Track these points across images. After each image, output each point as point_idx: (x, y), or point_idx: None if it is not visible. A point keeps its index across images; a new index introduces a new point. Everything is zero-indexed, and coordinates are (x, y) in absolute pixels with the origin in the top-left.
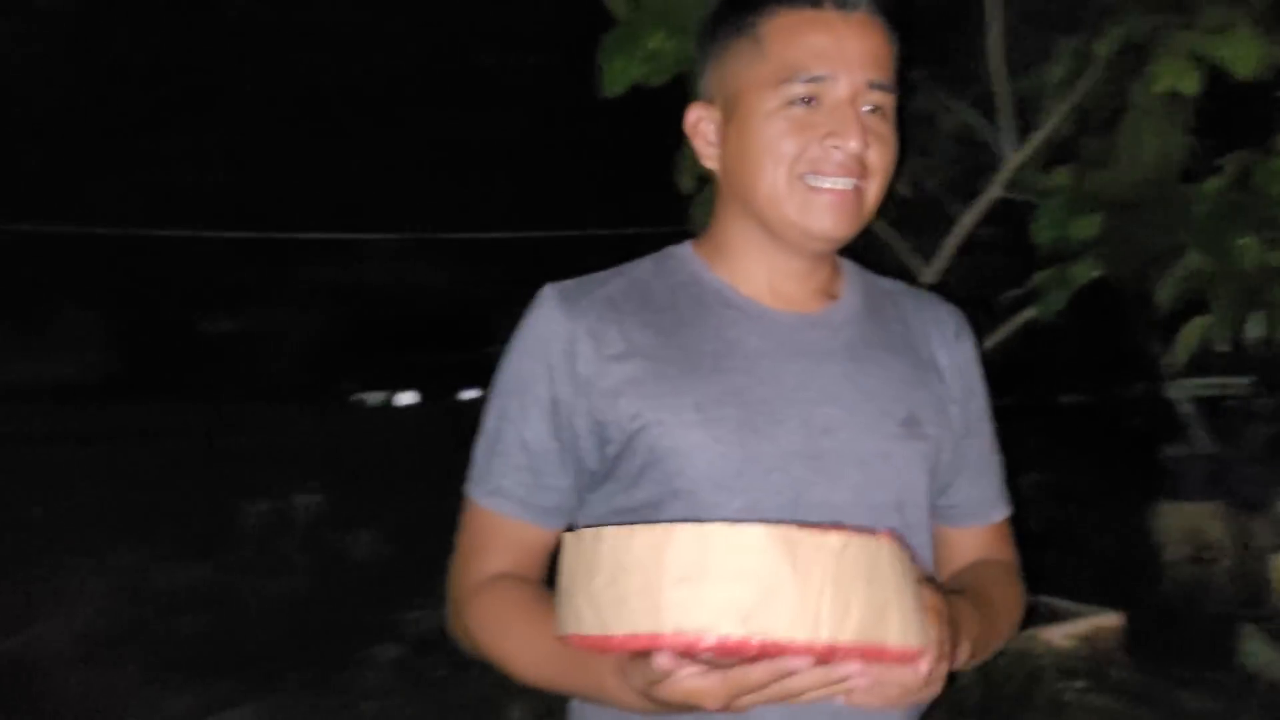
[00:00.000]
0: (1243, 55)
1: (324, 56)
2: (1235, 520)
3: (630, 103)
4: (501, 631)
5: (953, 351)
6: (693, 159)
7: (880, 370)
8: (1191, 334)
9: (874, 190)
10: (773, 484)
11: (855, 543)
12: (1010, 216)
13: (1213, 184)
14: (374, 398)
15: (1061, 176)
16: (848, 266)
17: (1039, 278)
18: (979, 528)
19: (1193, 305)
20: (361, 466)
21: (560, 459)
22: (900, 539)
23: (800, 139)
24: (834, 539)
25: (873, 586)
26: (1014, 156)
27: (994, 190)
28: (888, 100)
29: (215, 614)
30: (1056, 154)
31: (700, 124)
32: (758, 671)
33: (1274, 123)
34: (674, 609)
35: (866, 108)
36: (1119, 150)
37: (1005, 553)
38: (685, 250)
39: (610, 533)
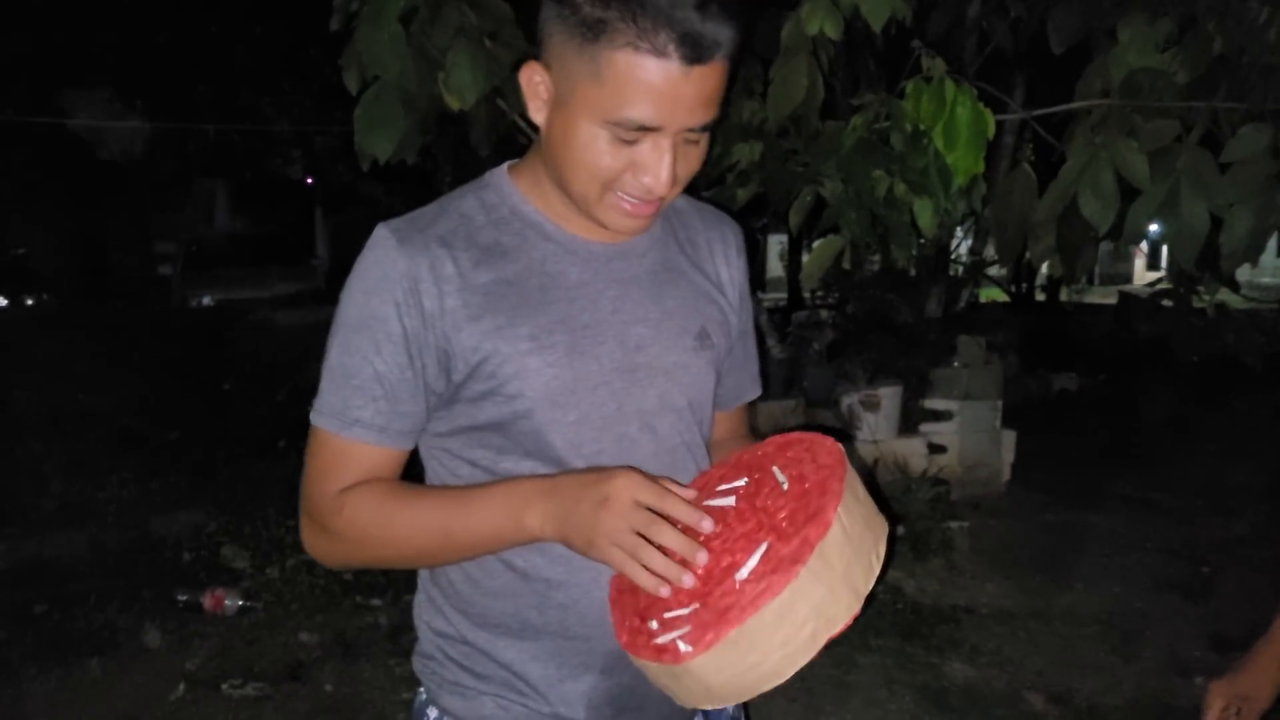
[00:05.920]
0: (876, 7)
1: None
2: (808, 413)
3: None
4: (385, 515)
5: (732, 266)
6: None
7: (678, 291)
8: (823, 252)
9: (675, 194)
10: (599, 397)
11: (845, 500)
12: None
13: (857, 121)
14: None
15: None
16: None
17: (715, 194)
18: (733, 409)
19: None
20: None
21: (413, 387)
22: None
23: (617, 165)
24: (835, 531)
25: (865, 506)
26: None
27: None
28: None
29: None
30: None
31: (535, 84)
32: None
33: (907, 70)
34: (786, 663)
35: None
36: (774, 85)
37: (745, 426)
38: (503, 181)
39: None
